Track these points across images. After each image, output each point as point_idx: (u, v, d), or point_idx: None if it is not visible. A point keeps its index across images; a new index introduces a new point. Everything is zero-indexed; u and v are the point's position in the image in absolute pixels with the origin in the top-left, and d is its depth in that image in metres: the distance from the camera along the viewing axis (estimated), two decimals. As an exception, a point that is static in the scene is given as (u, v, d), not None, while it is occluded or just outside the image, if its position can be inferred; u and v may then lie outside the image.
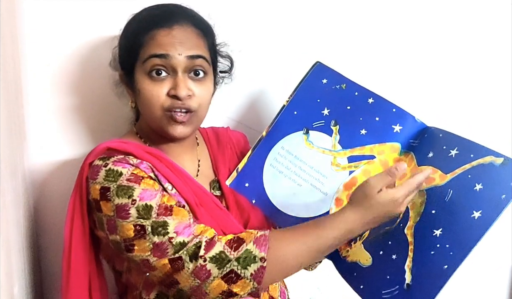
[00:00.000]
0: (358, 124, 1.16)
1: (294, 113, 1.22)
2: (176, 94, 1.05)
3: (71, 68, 1.28)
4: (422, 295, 0.97)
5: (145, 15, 1.11)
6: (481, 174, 0.99)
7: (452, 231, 0.98)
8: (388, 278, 1.03)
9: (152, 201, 0.99)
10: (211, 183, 1.20)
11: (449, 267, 0.96)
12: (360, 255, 1.09)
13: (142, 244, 0.98)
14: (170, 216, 0.99)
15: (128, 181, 1.01)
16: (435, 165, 1.06)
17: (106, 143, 1.08)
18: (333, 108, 1.19)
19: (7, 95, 1.04)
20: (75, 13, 1.25)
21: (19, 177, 1.14)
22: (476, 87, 1.51)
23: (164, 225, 0.98)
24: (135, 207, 0.98)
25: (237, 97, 1.34)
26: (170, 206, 1.00)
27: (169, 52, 1.05)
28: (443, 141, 1.08)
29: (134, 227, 0.98)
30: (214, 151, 1.24)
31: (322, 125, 1.19)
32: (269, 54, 1.38)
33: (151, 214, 0.98)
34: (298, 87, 1.24)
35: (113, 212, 1.00)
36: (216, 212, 1.11)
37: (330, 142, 1.18)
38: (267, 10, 1.35)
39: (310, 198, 1.16)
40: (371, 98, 1.17)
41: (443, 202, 1.01)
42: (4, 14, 1.06)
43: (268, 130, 1.23)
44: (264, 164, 1.21)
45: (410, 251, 1.02)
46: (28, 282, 1.18)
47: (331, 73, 1.22)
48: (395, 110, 1.15)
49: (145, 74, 1.06)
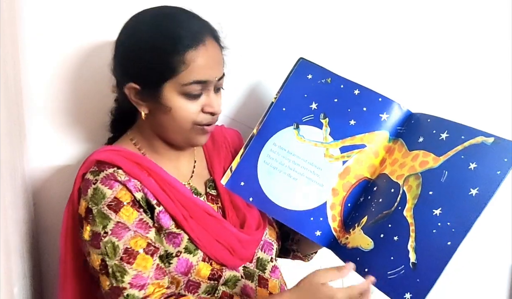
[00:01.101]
0: (346, 116, 1.20)
1: (283, 109, 1.25)
2: (213, 112, 1.10)
3: (71, 68, 1.28)
4: (429, 272, 1.00)
5: (172, 29, 1.05)
6: (474, 153, 1.03)
7: (451, 209, 1.02)
8: (392, 259, 1.06)
9: (120, 241, 1.02)
10: (206, 183, 1.22)
11: (452, 243, 0.99)
12: (360, 240, 1.11)
13: (104, 280, 1.03)
14: (131, 265, 1.02)
15: (108, 207, 1.04)
16: (426, 149, 1.10)
17: (96, 155, 1.10)
18: (320, 102, 1.22)
19: (7, 95, 1.05)
20: (75, 14, 1.25)
21: (18, 178, 1.15)
22: (470, 78, 1.54)
23: (122, 272, 1.01)
24: (104, 242, 1.02)
25: (231, 94, 1.35)
26: (136, 252, 1.03)
27: (209, 78, 1.07)
28: (432, 125, 1.12)
29: (101, 262, 1.03)
30: (209, 150, 1.26)
31: (311, 119, 1.22)
32: (261, 50, 1.40)
33: (115, 256, 1.02)
34: (284, 84, 1.27)
35: (89, 238, 1.04)
36: (207, 222, 1.12)
37: (321, 134, 1.21)
38: (258, 8, 1.38)
39: (307, 191, 1.18)
40: (356, 89, 1.21)
41: (439, 183, 1.05)
42: (5, 14, 1.06)
43: (258, 128, 1.26)
44: (257, 162, 1.23)
45: (412, 231, 1.05)
46: (27, 282, 1.18)
47: (316, 68, 1.26)
48: (381, 99, 1.19)
49: (180, 93, 1.06)
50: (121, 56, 1.10)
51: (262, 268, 1.20)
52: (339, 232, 1.16)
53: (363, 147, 1.17)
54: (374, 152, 1.17)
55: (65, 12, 1.25)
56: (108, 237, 1.02)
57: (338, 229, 1.16)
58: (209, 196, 1.20)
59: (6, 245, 0.97)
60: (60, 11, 1.25)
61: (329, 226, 1.16)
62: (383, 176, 1.15)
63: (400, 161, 1.13)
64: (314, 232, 1.16)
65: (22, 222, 1.17)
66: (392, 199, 1.10)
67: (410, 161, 1.11)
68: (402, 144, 1.15)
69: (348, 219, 1.17)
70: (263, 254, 1.21)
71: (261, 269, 1.20)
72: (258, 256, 1.20)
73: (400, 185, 1.09)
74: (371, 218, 1.12)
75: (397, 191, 1.10)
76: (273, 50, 1.40)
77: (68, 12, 1.25)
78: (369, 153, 1.17)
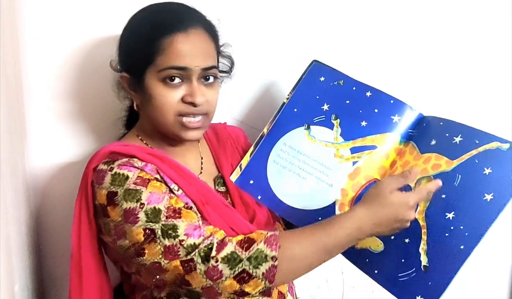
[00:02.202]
0: (358, 117, 1.19)
1: (294, 110, 1.24)
2: (193, 101, 1.06)
3: (72, 67, 1.27)
4: (441, 275, 1.00)
5: (157, 17, 1.08)
6: (488, 158, 1.03)
7: (465, 214, 1.01)
8: (403, 261, 1.05)
9: (160, 204, 1.00)
10: (215, 180, 1.21)
11: (465, 247, 0.99)
12: (370, 242, 1.12)
13: (152, 248, 0.98)
14: (179, 218, 0.99)
15: (135, 184, 1.01)
16: (439, 152, 1.10)
17: (108, 147, 1.08)
18: (332, 103, 1.22)
19: (7, 94, 1.03)
20: (75, 13, 1.24)
21: (19, 176, 1.14)
22: (474, 78, 1.55)
23: (174, 228, 0.98)
24: (144, 211, 0.99)
25: (238, 96, 1.35)
26: (179, 208, 1.01)
27: (188, 65, 1.05)
28: (445, 128, 1.12)
29: (144, 231, 0.99)
30: (214, 147, 1.25)
31: (322, 120, 1.21)
32: (270, 54, 1.39)
33: (160, 217, 0.99)
34: (296, 85, 1.27)
35: (121, 217, 1.00)
36: (222, 210, 1.11)
37: (332, 135, 1.20)
38: (267, 8, 1.37)
39: (316, 190, 1.18)
40: (368, 91, 1.20)
41: (452, 186, 1.04)
42: (5, 13, 1.05)
43: (269, 128, 1.25)
44: (267, 161, 1.22)
45: (423, 234, 1.05)
46: (29, 281, 1.17)
47: (328, 70, 1.25)
48: (393, 102, 1.19)
49: (159, 80, 1.06)
50: (119, 47, 1.13)
51: None
52: None
53: (374, 149, 1.17)
54: (384, 153, 1.16)
55: (65, 11, 1.24)
56: (146, 207, 0.99)
57: None
58: (219, 193, 1.19)
59: (7, 243, 0.96)
60: (60, 10, 1.23)
61: None
62: None
63: (411, 164, 1.12)
64: None
65: (23, 220, 1.15)
66: None
67: (422, 163, 1.10)
68: (414, 147, 1.14)
69: None
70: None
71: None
72: None
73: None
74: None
75: None
76: (281, 53, 1.39)
77: (68, 11, 1.24)
78: (380, 154, 1.16)
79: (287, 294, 1.21)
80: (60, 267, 1.12)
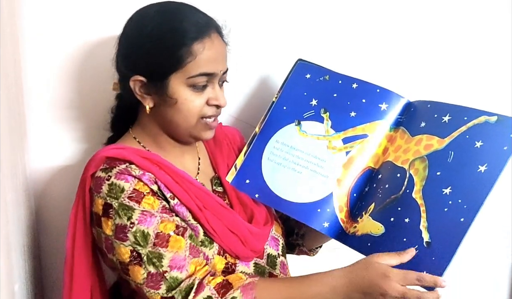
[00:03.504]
0: (346, 108, 1.22)
1: (284, 108, 1.27)
2: (219, 104, 1.11)
3: (72, 67, 1.28)
4: (444, 249, 1.01)
5: (181, 22, 1.06)
6: (478, 132, 1.06)
7: (461, 187, 1.03)
8: (404, 240, 1.06)
9: (150, 228, 1.01)
10: (212, 180, 1.21)
11: (465, 219, 1.00)
12: (370, 226, 1.12)
13: (136, 271, 1.00)
14: (166, 248, 1.01)
15: (129, 199, 1.02)
16: (430, 132, 1.13)
17: (104, 151, 1.08)
18: (320, 98, 1.25)
19: (7, 94, 1.04)
20: (75, 13, 1.25)
21: (19, 176, 1.14)
22: (473, 74, 1.58)
23: (159, 257, 1.00)
24: (133, 232, 1.00)
25: (234, 93, 1.36)
26: (168, 235, 1.02)
27: (215, 71, 1.08)
28: (433, 110, 1.15)
29: (131, 253, 1.00)
30: (211, 147, 1.26)
31: (312, 115, 1.24)
32: (264, 50, 1.42)
33: (148, 242, 1.00)
34: (283, 85, 1.30)
35: (112, 232, 1.02)
36: (221, 212, 1.12)
37: (322, 128, 1.23)
38: (263, 6, 1.40)
39: (312, 183, 1.19)
40: (354, 83, 1.24)
41: (446, 163, 1.07)
42: (5, 13, 1.06)
43: (260, 126, 1.28)
44: (261, 159, 1.24)
45: (423, 212, 1.06)
46: (28, 280, 1.17)
47: (313, 67, 1.29)
48: (379, 91, 1.22)
49: (186, 85, 1.07)
50: (126, 49, 1.10)
51: (272, 264, 1.20)
52: (346, 222, 1.17)
53: (365, 137, 1.19)
54: (376, 141, 1.19)
55: (65, 11, 1.25)
56: (135, 227, 1.00)
57: (345, 220, 1.16)
58: (216, 193, 1.20)
59: (7, 243, 0.96)
60: (60, 10, 1.25)
61: (336, 217, 1.17)
62: (387, 164, 1.17)
63: (403, 147, 1.14)
64: (322, 224, 1.16)
65: (23, 220, 1.15)
66: (399, 183, 1.11)
67: (414, 145, 1.13)
68: (404, 131, 1.17)
69: (355, 209, 1.18)
70: (271, 249, 1.21)
71: (271, 266, 1.19)
72: (268, 252, 1.20)
73: (406, 170, 1.11)
74: (378, 204, 1.13)
75: (403, 175, 1.11)
76: (275, 50, 1.42)
77: (68, 11, 1.25)
78: (371, 142, 1.19)
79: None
80: (60, 266, 1.10)
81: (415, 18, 1.49)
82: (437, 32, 1.52)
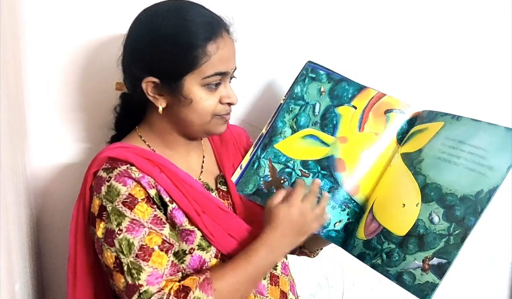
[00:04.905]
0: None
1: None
2: (231, 102, 1.12)
3: (72, 67, 1.28)
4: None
5: (193, 22, 1.05)
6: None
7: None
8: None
9: (136, 238, 1.01)
10: (216, 178, 1.21)
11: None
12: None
13: (118, 278, 1.01)
14: (147, 262, 1.01)
15: (123, 204, 1.02)
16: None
17: (107, 151, 1.09)
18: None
19: (8, 94, 1.04)
20: (76, 13, 1.26)
21: (20, 176, 1.14)
22: (473, 76, 1.59)
23: (138, 270, 1.00)
24: (118, 240, 1.01)
25: (240, 95, 1.34)
26: (151, 249, 1.02)
27: (228, 70, 1.09)
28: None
29: (115, 259, 1.01)
30: (217, 146, 1.26)
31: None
32: (271, 53, 1.42)
33: (131, 253, 1.01)
34: (292, 86, 1.29)
35: (102, 235, 1.03)
36: (220, 216, 1.12)
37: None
38: (271, 6, 1.40)
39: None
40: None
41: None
42: (5, 13, 1.06)
43: (267, 128, 1.27)
44: None
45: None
46: (29, 280, 1.17)
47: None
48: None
49: (201, 85, 1.07)
50: (138, 51, 1.08)
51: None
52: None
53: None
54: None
55: (66, 11, 1.25)
56: (122, 235, 1.01)
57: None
58: (220, 192, 1.19)
59: (7, 243, 0.96)
60: (60, 10, 1.25)
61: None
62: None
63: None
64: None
65: (24, 219, 1.16)
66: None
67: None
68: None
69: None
70: None
71: (273, 267, 1.18)
72: None
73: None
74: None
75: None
76: (282, 53, 1.42)
77: (69, 11, 1.25)
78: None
79: (289, 292, 1.21)
80: (60, 266, 1.11)
81: (424, 20, 1.51)
82: (446, 38, 1.53)
